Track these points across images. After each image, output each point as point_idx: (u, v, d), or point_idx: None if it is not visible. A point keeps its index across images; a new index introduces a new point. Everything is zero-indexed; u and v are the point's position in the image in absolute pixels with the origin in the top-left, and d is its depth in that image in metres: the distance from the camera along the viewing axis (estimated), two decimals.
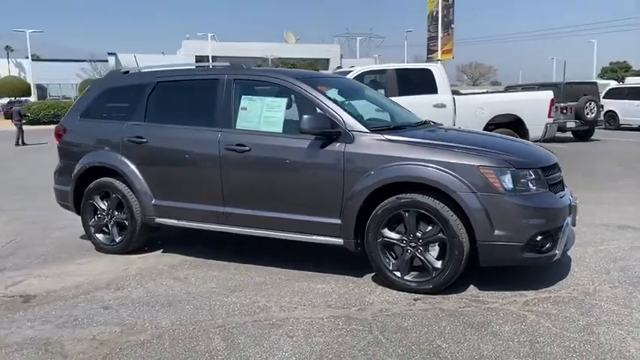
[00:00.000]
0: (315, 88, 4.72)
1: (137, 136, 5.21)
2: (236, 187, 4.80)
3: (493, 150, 4.26)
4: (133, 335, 3.61)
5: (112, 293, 4.41)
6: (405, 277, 4.24)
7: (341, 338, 3.47)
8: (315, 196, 4.50)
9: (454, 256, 4.04)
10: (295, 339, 3.48)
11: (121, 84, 5.65)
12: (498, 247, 3.99)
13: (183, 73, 5.38)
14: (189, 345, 3.44)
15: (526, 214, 3.98)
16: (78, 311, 4.04)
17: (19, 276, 4.89)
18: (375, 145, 4.32)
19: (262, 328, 3.67)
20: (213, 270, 4.93)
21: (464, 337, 3.45)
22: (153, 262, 5.21)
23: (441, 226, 4.06)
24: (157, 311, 4.01)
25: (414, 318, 3.76)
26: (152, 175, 5.18)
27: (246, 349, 3.36)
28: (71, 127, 5.74)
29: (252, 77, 5.01)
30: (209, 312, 3.97)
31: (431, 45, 21.32)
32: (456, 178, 4.01)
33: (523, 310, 3.86)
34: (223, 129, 4.83)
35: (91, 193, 5.51)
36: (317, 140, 4.45)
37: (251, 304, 4.11)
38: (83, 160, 5.52)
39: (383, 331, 3.55)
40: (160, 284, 4.60)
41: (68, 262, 5.29)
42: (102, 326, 3.77)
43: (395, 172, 4.16)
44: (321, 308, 3.99)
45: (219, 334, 3.59)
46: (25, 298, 4.37)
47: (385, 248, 4.31)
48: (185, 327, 3.71)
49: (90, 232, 5.60)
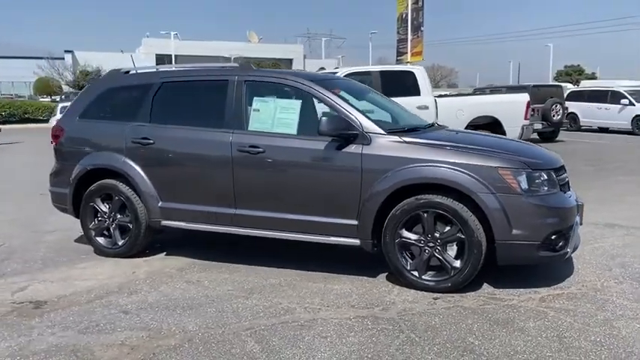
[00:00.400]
0: (330, 90, 4.75)
1: (143, 137, 5.13)
2: (249, 188, 4.78)
3: (507, 152, 4.39)
4: (162, 340, 3.56)
5: (127, 297, 4.33)
6: (422, 277, 4.32)
7: (374, 338, 3.52)
8: (331, 197, 4.53)
9: (473, 255, 4.14)
10: (329, 339, 3.51)
11: (122, 84, 5.54)
12: (516, 246, 4.11)
13: (190, 74, 5.31)
14: (224, 348, 3.42)
15: (541, 213, 4.12)
16: (97, 316, 3.96)
17: (22, 281, 4.74)
18: (393, 146, 4.38)
19: (292, 329, 3.68)
20: (224, 272, 4.89)
21: (493, 334, 3.54)
22: (159, 266, 5.13)
23: (460, 226, 4.15)
24: (180, 315, 3.96)
25: (439, 316, 3.84)
26: (158, 177, 5.11)
27: (284, 350, 3.37)
28: (69, 128, 5.59)
29: (264, 79, 4.99)
30: (234, 315, 3.95)
31: (400, 47, 21.64)
32: (475, 180, 4.11)
33: (541, 307, 3.99)
34: (235, 130, 4.80)
35: (91, 195, 5.38)
36: (334, 142, 4.48)
37: (273, 305, 4.11)
38: (83, 162, 5.39)
39: (413, 330, 3.62)
40: (174, 287, 4.54)
41: (70, 267, 5.15)
42: (127, 331, 3.70)
43: (416, 174, 4.23)
44: (345, 309, 4.03)
45: (250, 336, 3.58)
46: (35, 304, 4.24)
47: (402, 248, 4.37)
48: (213, 330, 3.69)
49: (90, 235, 5.47)
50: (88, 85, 5.78)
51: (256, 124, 4.82)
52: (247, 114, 4.85)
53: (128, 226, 5.30)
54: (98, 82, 5.77)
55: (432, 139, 4.55)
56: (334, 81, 5.43)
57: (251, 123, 4.84)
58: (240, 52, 52.24)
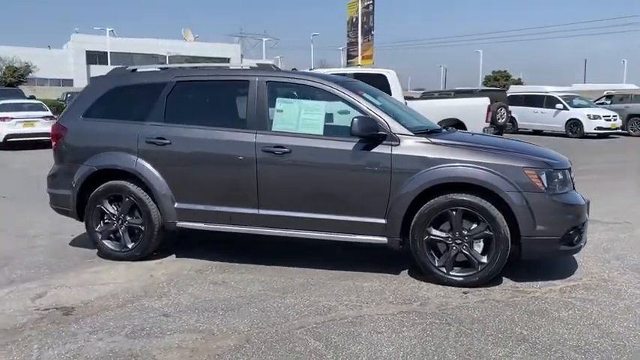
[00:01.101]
0: (355, 92, 4.85)
1: (158, 137, 5.02)
2: (273, 188, 4.79)
3: (528, 153, 4.65)
4: (219, 341, 3.54)
5: (159, 301, 4.25)
6: (450, 273, 4.50)
7: (428, 331, 3.65)
8: (359, 196, 4.62)
9: (500, 251, 4.37)
10: (386, 335, 3.61)
11: (130, 82, 5.39)
12: (539, 242, 4.37)
13: (207, 73, 5.25)
14: (287, 347, 3.44)
15: (561, 210, 4.41)
16: (138, 320, 3.86)
17: (36, 287, 4.53)
18: (421, 147, 4.54)
19: (344, 326, 3.75)
20: (246, 273, 4.88)
21: (535, 324, 3.77)
22: (175, 268, 5.04)
23: (488, 223, 4.36)
24: (223, 316, 3.93)
25: (478, 310, 4.03)
26: (175, 178, 5.01)
27: (348, 346, 3.43)
28: (72, 127, 5.37)
29: (287, 80, 5.01)
30: (278, 314, 3.97)
31: (351, 50, 21.99)
32: (503, 179, 4.34)
33: (565, 298, 4.27)
34: (259, 131, 4.80)
35: (98, 197, 5.21)
36: (362, 143, 4.58)
37: (313, 304, 4.16)
38: (90, 162, 5.20)
39: (461, 323, 3.78)
40: (203, 289, 4.49)
41: (79, 271, 4.97)
42: (178, 334, 3.65)
43: (447, 173, 4.40)
44: (384, 305, 4.14)
45: (307, 334, 3.62)
46: (63, 310, 4.08)
47: (429, 246, 4.54)
48: (266, 330, 3.70)
49: (96, 238, 5.28)
50: (90, 84, 5.56)
51: (280, 124, 4.84)
52: (270, 114, 4.86)
53: (139, 229, 5.16)
54: (103, 80, 5.56)
55: (455, 140, 4.74)
56: (356, 84, 5.52)
57: (275, 123, 4.85)
58: (176, 50, 51.16)
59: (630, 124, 22.35)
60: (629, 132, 22.34)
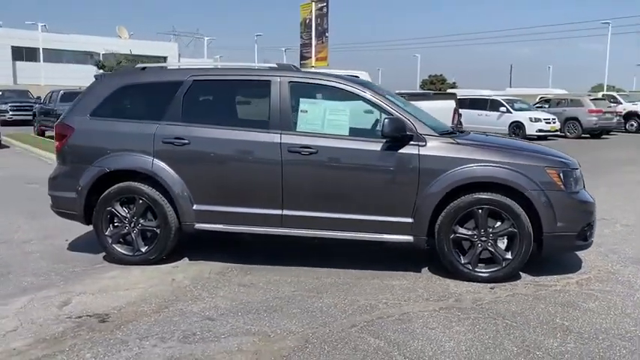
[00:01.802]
0: (378, 93, 4.92)
1: (176, 137, 4.89)
2: (299, 189, 4.78)
3: (546, 153, 4.89)
4: (277, 343, 3.51)
5: (194, 305, 4.15)
6: (475, 270, 4.65)
7: (477, 326, 3.77)
8: (387, 196, 4.70)
9: (524, 247, 4.57)
10: (439, 330, 3.70)
11: (142, 81, 5.21)
12: (559, 237, 4.61)
13: (225, 73, 5.15)
14: (350, 345, 3.47)
15: (578, 207, 4.67)
16: (184, 325, 3.77)
17: (57, 295, 4.32)
18: (447, 147, 4.67)
19: (394, 324, 3.81)
20: (270, 274, 4.84)
21: (571, 315, 3.97)
22: (194, 271, 4.93)
23: (513, 221, 4.55)
24: (270, 318, 3.90)
25: (512, 303, 4.19)
26: (194, 179, 4.90)
27: (409, 343, 3.50)
28: (79, 127, 5.13)
29: (310, 80, 5.01)
30: (324, 314, 3.98)
31: (304, 52, 22.05)
32: (527, 178, 4.54)
33: (585, 290, 4.52)
34: (284, 131, 4.78)
35: (109, 199, 5.01)
36: (390, 143, 4.66)
37: (353, 303, 4.19)
38: (101, 164, 4.99)
39: (504, 317, 3.93)
40: (234, 292, 4.43)
41: (95, 277, 4.76)
42: (232, 337, 3.59)
43: (474, 173, 4.55)
44: (422, 302, 4.23)
45: (362, 332, 3.66)
46: (97, 317, 3.91)
47: (454, 244, 4.68)
48: (319, 330, 3.70)
49: (106, 242, 5.08)
50: (97, 81, 5.32)
51: (305, 125, 4.84)
52: (294, 115, 4.85)
53: (154, 231, 5.01)
54: (110, 78, 5.34)
55: (477, 140, 4.91)
56: (374, 85, 5.58)
57: (299, 124, 4.84)
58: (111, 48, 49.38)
59: (567, 126, 23.63)
60: (565, 134, 23.63)
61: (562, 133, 23.51)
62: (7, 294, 4.35)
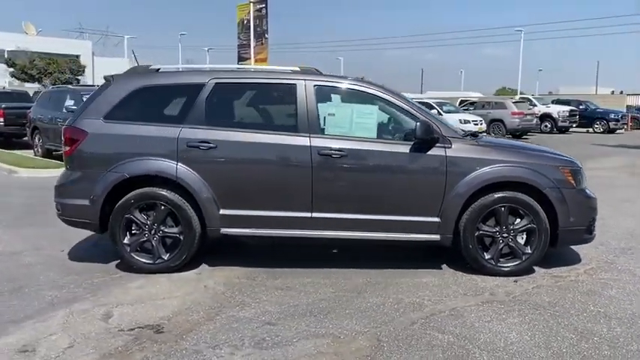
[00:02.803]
0: (401, 96, 5.07)
1: (202, 140, 4.78)
2: (329, 191, 4.83)
3: (555, 154, 5.25)
4: (351, 343, 3.57)
5: (244, 311, 4.10)
6: (498, 264, 4.92)
7: (526, 317, 4.01)
8: (415, 197, 4.85)
9: (542, 242, 4.88)
10: (496, 323, 3.90)
11: (159, 83, 5.03)
12: (572, 231, 4.97)
13: (247, 75, 5.08)
14: (423, 341, 3.58)
15: (586, 203, 5.05)
16: (247, 331, 3.73)
17: (93, 308, 4.11)
18: (471, 149, 4.90)
19: (450, 319, 3.97)
20: (299, 277, 4.85)
21: (602, 302, 4.31)
22: (221, 277, 4.84)
23: (532, 217, 4.86)
24: (329, 319, 3.94)
25: (543, 294, 4.48)
26: (220, 183, 4.82)
27: (476, 336, 3.67)
28: (93, 131, 4.87)
29: (335, 84, 5.05)
30: (379, 313, 4.06)
31: (242, 52, 21.87)
32: (545, 177, 4.86)
33: (596, 279, 4.90)
34: (312, 134, 4.81)
35: (128, 206, 4.81)
36: (418, 145, 4.82)
37: (399, 301, 4.31)
38: (119, 169, 4.78)
39: (544, 307, 4.20)
40: (277, 296, 4.41)
41: (121, 287, 4.56)
42: (304, 340, 3.60)
43: (498, 173, 4.81)
44: (461, 298, 4.42)
45: (427, 329, 3.78)
46: (151, 328, 3.78)
47: (478, 240, 4.92)
48: (383, 328, 3.79)
49: (124, 251, 4.87)
50: (108, 83, 5.06)
51: (333, 128, 4.90)
52: (322, 118, 4.90)
53: (177, 238, 4.87)
54: (124, 79, 5.07)
55: (495, 142, 5.19)
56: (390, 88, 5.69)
57: (327, 127, 4.90)
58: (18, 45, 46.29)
59: (492, 128, 25.00)
60: (490, 135, 25.02)
61: (487, 134, 24.87)
62: (37, 309, 4.08)
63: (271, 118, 5.16)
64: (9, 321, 3.86)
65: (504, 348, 3.50)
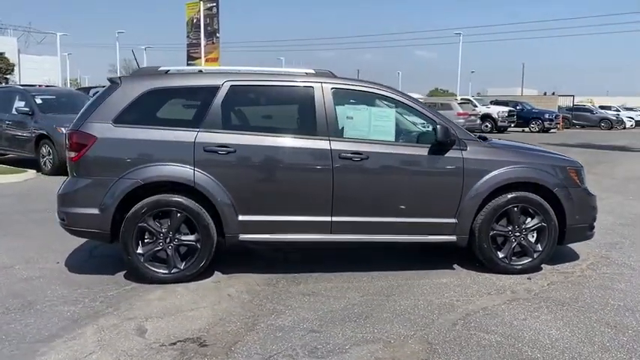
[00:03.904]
0: (417, 101, 5.12)
1: (220, 145, 4.64)
2: (349, 195, 4.81)
3: (560, 155, 5.45)
4: (404, 347, 3.57)
5: (280, 319, 4.02)
6: (511, 263, 5.06)
7: (557, 313, 4.14)
8: (434, 199, 4.91)
9: (551, 239, 5.07)
10: (531, 320, 4.00)
11: (170, 85, 4.82)
12: (577, 229, 5.18)
13: (261, 78, 4.95)
14: (472, 341, 3.63)
15: (590, 202, 5.29)
16: (295, 340, 3.65)
17: (122, 323, 3.90)
18: (485, 151, 5.02)
19: (486, 318, 4.05)
20: (322, 282, 4.81)
21: (615, 296, 4.52)
22: (241, 285, 4.72)
23: (543, 216, 5.03)
24: (372, 324, 3.92)
25: (560, 290, 4.65)
26: (239, 188, 4.69)
27: (519, 334, 3.76)
28: (103, 135, 4.61)
29: (352, 87, 5.00)
30: (416, 315, 4.08)
31: (192, 52, 21.40)
32: (555, 177, 5.05)
33: (601, 274, 5.13)
34: (332, 137, 4.78)
35: (142, 214, 4.60)
36: (436, 148, 4.88)
37: (430, 303, 4.34)
38: (133, 175, 4.56)
39: (568, 303, 4.35)
40: (308, 302, 4.34)
41: (142, 300, 4.34)
42: (355, 347, 3.57)
43: (514, 174, 4.94)
44: (487, 297, 4.51)
45: (470, 329, 3.84)
46: (193, 342, 3.64)
47: (492, 240, 5.04)
48: (428, 331, 3.82)
49: (137, 262, 4.65)
50: (115, 85, 4.79)
51: (352, 131, 4.88)
52: (340, 121, 4.87)
53: (193, 246, 4.71)
54: (132, 81, 4.81)
55: (506, 144, 5.33)
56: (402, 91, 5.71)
57: (346, 130, 4.87)
58: None
59: None
60: None
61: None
62: (60, 326, 3.83)
63: (289, 122, 5.07)
64: (35, 341, 3.61)
65: (552, 345, 3.61)
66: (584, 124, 38.92)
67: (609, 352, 3.51)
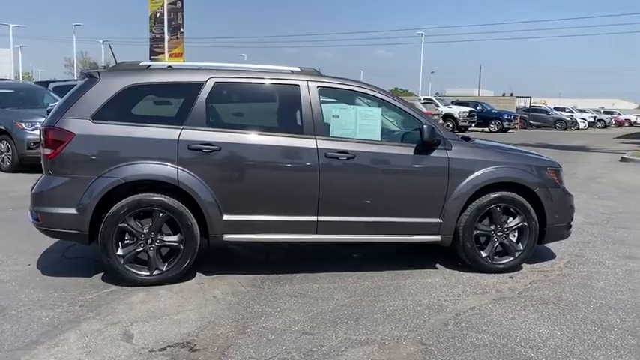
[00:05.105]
0: (403, 101, 5.11)
1: (205, 142, 4.52)
2: (335, 195, 4.76)
3: (539, 155, 5.54)
4: (399, 348, 3.55)
5: (269, 321, 3.93)
6: (493, 262, 5.11)
7: (544, 312, 4.20)
8: (419, 199, 4.92)
9: (532, 239, 5.14)
10: (520, 320, 4.04)
11: (152, 81, 4.65)
12: (556, 228, 5.28)
13: (246, 75, 4.82)
14: (466, 341, 3.64)
15: (569, 201, 5.39)
16: (290, 343, 3.58)
17: (105, 328, 3.75)
18: (469, 151, 5.05)
19: (476, 318, 4.06)
20: (308, 282, 4.74)
21: (596, 294, 4.61)
22: (225, 286, 4.61)
23: (524, 215, 5.10)
24: (363, 326, 3.88)
25: (543, 289, 4.72)
26: (224, 188, 4.58)
27: (512, 333, 3.78)
28: (81, 132, 4.42)
29: (338, 85, 4.94)
30: (407, 316, 4.07)
31: (155, 47, 20.96)
32: (536, 177, 5.13)
33: (579, 272, 5.24)
34: (318, 136, 4.72)
35: (122, 214, 4.44)
36: (421, 147, 4.88)
37: (419, 304, 4.33)
38: (114, 174, 4.40)
39: (553, 302, 4.42)
40: (296, 303, 4.27)
41: (124, 304, 4.19)
42: (351, 349, 3.52)
43: (498, 174, 4.98)
44: (473, 297, 4.52)
45: (462, 329, 3.84)
46: (183, 346, 3.52)
47: (475, 240, 5.08)
48: (420, 332, 3.81)
49: (117, 263, 4.48)
50: (92, 80, 4.58)
51: (338, 130, 4.83)
52: (326, 120, 4.81)
53: (176, 247, 4.57)
54: (111, 76, 4.61)
55: (489, 145, 5.39)
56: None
57: (332, 129, 4.82)
58: None
59: None
60: None
61: None
62: (40, 332, 3.64)
63: (275, 120, 4.98)
64: (15, 348, 3.42)
65: (544, 343, 3.65)
66: (540, 125, 40.05)
67: (599, 350, 3.58)
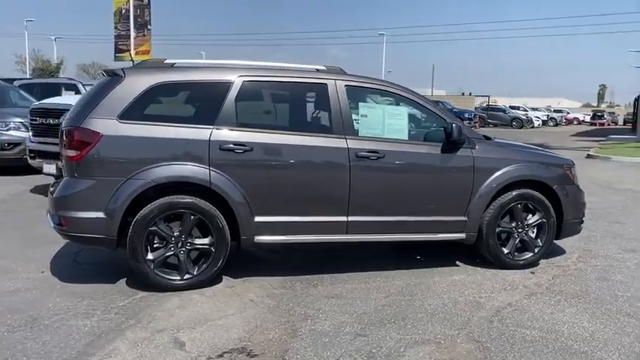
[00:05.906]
0: (427, 100, 5.13)
1: (237, 143, 4.42)
2: (365, 194, 4.73)
3: (555, 154, 5.67)
4: (457, 347, 3.56)
5: (317, 323, 3.88)
6: (515, 258, 5.20)
7: (579, 306, 4.29)
8: (445, 197, 4.95)
9: (551, 234, 5.27)
10: (559, 315, 4.12)
11: (179, 79, 4.50)
12: (572, 223, 5.42)
13: (274, 74, 4.72)
14: (515, 337, 3.68)
15: (581, 198, 5.55)
16: (348, 345, 3.54)
17: (154, 335, 3.62)
18: (492, 149, 5.13)
19: (517, 314, 4.12)
20: (339, 284, 4.70)
21: (617, 287, 4.75)
22: (258, 289, 4.52)
23: (543, 212, 5.21)
24: (413, 325, 3.88)
25: (568, 284, 4.84)
26: (256, 189, 4.48)
27: (558, 328, 3.85)
28: (109, 132, 4.24)
29: (365, 84, 4.90)
30: (450, 314, 4.09)
31: (120, 44, 20.30)
32: (554, 174, 5.25)
33: (593, 266, 5.40)
34: (348, 136, 4.68)
35: (152, 217, 4.29)
36: (447, 146, 4.92)
37: (457, 302, 4.35)
38: (144, 176, 4.24)
39: (583, 296, 4.53)
40: (336, 305, 4.23)
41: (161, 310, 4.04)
42: (410, 349, 3.52)
43: (521, 171, 5.07)
44: (505, 293, 4.58)
45: (507, 326, 3.89)
46: (239, 352, 3.44)
47: (497, 237, 5.16)
48: (470, 329, 3.83)
49: (146, 268, 4.33)
50: (116, 78, 4.38)
51: (367, 129, 4.81)
52: (355, 119, 4.79)
53: (207, 250, 4.45)
54: (137, 74, 4.41)
55: (509, 143, 5.49)
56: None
57: (361, 129, 4.79)
58: None
59: None
60: None
61: None
62: (84, 343, 3.48)
63: (303, 119, 4.91)
64: None
65: (592, 337, 3.74)
66: (497, 123, 41.13)
67: None
